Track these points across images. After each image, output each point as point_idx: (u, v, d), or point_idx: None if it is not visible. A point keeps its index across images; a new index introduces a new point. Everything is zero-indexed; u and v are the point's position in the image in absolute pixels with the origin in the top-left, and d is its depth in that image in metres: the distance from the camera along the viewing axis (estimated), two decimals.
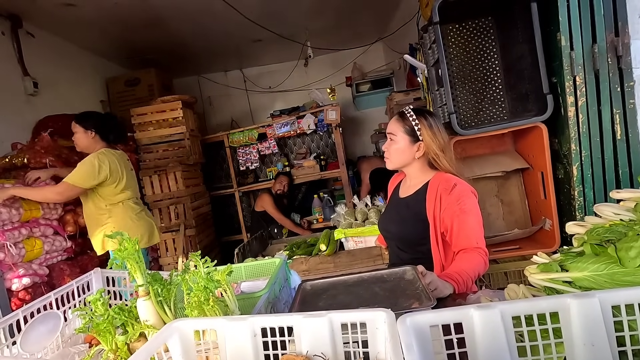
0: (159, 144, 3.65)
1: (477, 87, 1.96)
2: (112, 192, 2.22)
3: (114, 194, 2.23)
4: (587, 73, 1.55)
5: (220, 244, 4.28)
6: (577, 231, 0.87)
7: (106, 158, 2.17)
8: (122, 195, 2.26)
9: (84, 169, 2.10)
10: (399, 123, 1.38)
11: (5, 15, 2.81)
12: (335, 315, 0.65)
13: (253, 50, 4.63)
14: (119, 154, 2.31)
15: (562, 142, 1.68)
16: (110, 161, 2.18)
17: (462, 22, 1.95)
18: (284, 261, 1.21)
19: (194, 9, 3.29)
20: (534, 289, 0.83)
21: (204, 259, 0.84)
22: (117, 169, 2.22)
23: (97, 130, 2.22)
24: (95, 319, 0.79)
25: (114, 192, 2.23)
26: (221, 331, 0.66)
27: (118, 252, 0.78)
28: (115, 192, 2.23)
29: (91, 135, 2.21)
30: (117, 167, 2.22)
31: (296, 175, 4.18)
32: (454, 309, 0.61)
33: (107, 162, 2.15)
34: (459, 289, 1.12)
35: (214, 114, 5.38)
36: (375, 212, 2.42)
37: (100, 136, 2.24)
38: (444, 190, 1.30)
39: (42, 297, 1.10)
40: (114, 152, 2.26)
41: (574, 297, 0.59)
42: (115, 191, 2.23)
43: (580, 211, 1.63)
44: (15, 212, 2.07)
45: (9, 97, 2.76)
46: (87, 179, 2.10)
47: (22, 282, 2.06)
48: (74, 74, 3.58)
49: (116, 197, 2.24)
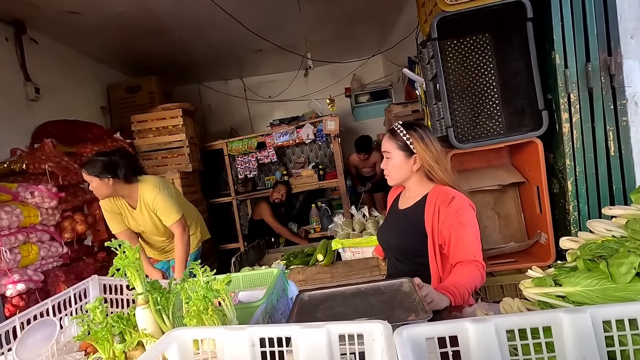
0: (158, 151, 3.66)
1: (474, 101, 2.00)
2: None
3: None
4: (581, 90, 1.59)
5: (217, 252, 4.27)
6: (571, 246, 0.89)
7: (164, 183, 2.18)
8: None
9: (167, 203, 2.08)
10: (391, 140, 1.40)
11: (9, 22, 2.84)
12: (333, 327, 0.65)
13: (254, 60, 4.69)
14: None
15: (557, 157, 1.71)
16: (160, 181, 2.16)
17: (460, 38, 1.99)
18: (282, 271, 1.22)
19: (196, 19, 3.34)
20: (529, 303, 0.84)
21: (203, 268, 0.85)
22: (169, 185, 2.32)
23: (112, 175, 1.97)
24: (94, 327, 0.79)
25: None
26: (220, 341, 0.66)
27: (119, 260, 0.79)
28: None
29: (110, 182, 1.98)
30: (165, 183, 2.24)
31: (294, 185, 4.19)
32: (449, 322, 0.62)
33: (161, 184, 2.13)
34: (455, 301, 1.13)
35: (214, 122, 5.41)
36: (373, 222, 2.44)
37: (118, 178, 1.99)
38: (442, 203, 1.31)
39: (39, 304, 1.10)
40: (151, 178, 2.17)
41: (566, 312, 0.60)
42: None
43: (575, 225, 1.65)
44: (15, 218, 2.07)
45: (11, 102, 2.78)
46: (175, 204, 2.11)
47: (17, 287, 2.04)
48: (76, 80, 3.61)
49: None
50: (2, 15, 2.76)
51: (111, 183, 1.98)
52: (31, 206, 2.22)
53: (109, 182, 1.97)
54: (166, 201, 2.08)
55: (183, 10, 3.14)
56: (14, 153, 2.54)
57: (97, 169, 1.95)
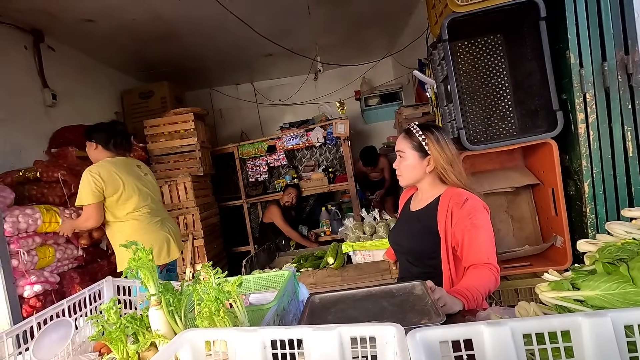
0: (170, 155, 3.72)
1: (486, 102, 1.98)
2: (115, 203, 2.11)
3: (117, 205, 2.12)
4: (597, 90, 1.56)
5: (228, 254, 4.30)
6: (589, 249, 0.87)
7: (97, 168, 2.09)
8: (129, 205, 2.14)
9: (82, 185, 2.06)
10: (407, 140, 1.39)
11: (28, 30, 2.93)
12: (345, 329, 0.65)
13: (264, 64, 4.73)
14: (121, 161, 2.21)
15: (573, 159, 1.67)
16: (103, 170, 2.08)
17: (471, 39, 1.97)
18: (293, 274, 1.22)
19: (207, 25, 3.39)
20: (545, 307, 0.82)
21: (215, 270, 0.85)
22: (113, 178, 2.09)
23: (97, 140, 2.17)
24: (108, 327, 0.80)
25: (118, 204, 2.11)
26: (232, 342, 0.66)
27: (132, 261, 0.80)
28: (119, 203, 2.11)
29: (93, 147, 2.18)
30: (112, 176, 2.09)
31: (304, 188, 4.20)
32: (464, 325, 0.61)
33: (99, 172, 2.06)
34: (468, 305, 1.11)
35: (225, 126, 5.47)
36: (384, 226, 2.42)
37: (103, 146, 2.18)
38: (455, 205, 1.30)
39: (55, 305, 1.12)
40: (113, 161, 2.16)
41: (585, 316, 0.58)
42: (118, 202, 2.11)
43: (592, 228, 1.61)
44: (32, 222, 2.12)
45: (29, 108, 2.86)
46: (88, 194, 2.03)
47: (34, 289, 2.09)
48: (91, 86, 3.69)
49: (122, 208, 2.13)
50: (22, 25, 2.85)
51: (94, 147, 2.19)
52: (55, 211, 2.26)
53: (93, 147, 2.20)
54: (81, 183, 2.06)
55: (194, 17, 3.19)
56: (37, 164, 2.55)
57: (90, 134, 2.21)
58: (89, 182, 2.04)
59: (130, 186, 2.15)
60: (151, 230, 2.20)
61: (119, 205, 2.13)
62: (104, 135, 2.19)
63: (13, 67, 2.78)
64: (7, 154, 2.57)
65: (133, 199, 2.16)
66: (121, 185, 2.12)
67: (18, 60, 2.84)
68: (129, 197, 2.14)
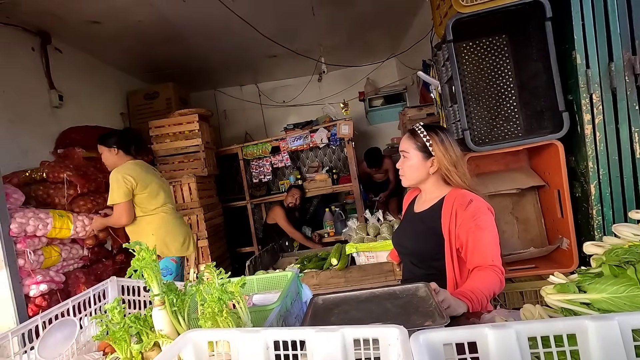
0: (175, 156, 3.73)
1: (491, 103, 1.96)
2: (145, 199, 2.29)
3: (148, 201, 2.30)
4: (604, 91, 1.54)
5: (232, 255, 4.31)
6: (595, 251, 0.86)
7: (124, 169, 2.26)
8: (159, 200, 2.34)
9: (114, 187, 2.22)
10: (411, 140, 1.39)
11: (36, 32, 2.96)
12: (348, 331, 0.65)
13: (268, 65, 4.74)
14: (141, 163, 2.40)
15: (579, 160, 1.66)
16: (131, 170, 2.26)
17: (476, 39, 1.97)
18: (296, 275, 1.22)
19: (213, 26, 3.41)
20: (551, 310, 0.81)
21: (218, 270, 0.85)
22: (142, 177, 2.29)
23: (118, 146, 2.34)
24: (112, 327, 0.81)
25: (148, 200, 2.30)
26: (234, 343, 0.66)
27: (136, 261, 0.80)
28: (149, 199, 2.30)
29: (115, 152, 2.34)
30: (140, 174, 2.29)
31: (308, 189, 4.20)
32: (468, 328, 0.60)
33: (127, 172, 2.24)
34: (473, 307, 1.10)
35: (229, 127, 5.49)
36: (388, 227, 2.41)
37: (124, 151, 2.35)
38: (459, 206, 1.29)
39: (60, 304, 1.13)
40: (136, 162, 2.36)
41: (592, 319, 0.57)
42: (149, 198, 2.30)
43: (599, 230, 1.59)
44: (42, 227, 2.13)
45: (36, 109, 2.88)
46: (120, 193, 2.20)
47: (40, 288, 2.10)
48: (97, 87, 3.72)
49: (152, 202, 2.31)
50: (29, 27, 2.88)
51: (116, 153, 2.32)
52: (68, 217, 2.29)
53: (114, 152, 2.32)
54: (111, 183, 2.22)
55: (199, 18, 3.21)
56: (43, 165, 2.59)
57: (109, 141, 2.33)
58: (120, 182, 2.21)
59: (155, 184, 2.35)
60: (178, 224, 2.43)
61: (149, 200, 2.31)
62: (123, 140, 2.37)
63: (21, 69, 2.80)
64: (14, 154, 2.59)
65: (160, 195, 2.37)
66: (149, 183, 2.32)
67: (26, 62, 2.87)
68: (157, 194, 2.35)
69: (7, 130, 2.57)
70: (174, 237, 2.36)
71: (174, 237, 2.36)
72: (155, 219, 2.33)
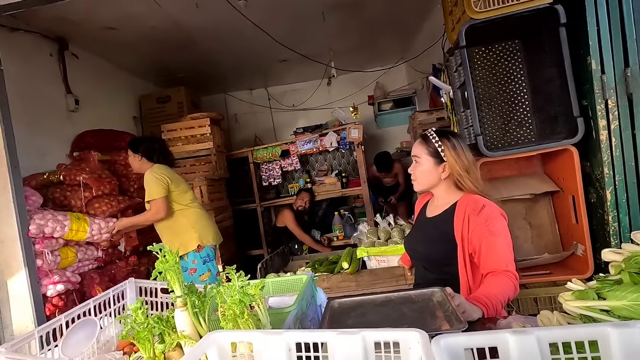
0: (186, 159, 3.78)
1: (504, 108, 1.96)
2: (179, 196, 2.48)
3: (181, 196, 2.49)
4: (620, 97, 1.53)
5: (242, 257, 4.33)
6: (614, 258, 0.86)
7: (157, 169, 2.46)
8: (189, 196, 2.55)
9: (151, 184, 2.38)
10: (423, 145, 1.40)
11: (54, 38, 3.04)
12: (369, 333, 0.66)
13: (278, 69, 4.79)
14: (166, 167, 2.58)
15: (594, 166, 1.64)
16: (162, 169, 2.46)
17: (489, 45, 1.97)
18: (311, 278, 1.23)
19: (224, 32, 3.46)
20: (569, 317, 0.81)
21: (238, 273, 0.87)
22: (173, 176, 2.50)
23: (142, 154, 2.51)
24: (136, 327, 0.83)
25: (181, 195, 2.49)
26: (257, 344, 0.68)
27: (160, 263, 0.82)
28: (182, 195, 2.49)
29: (138, 159, 2.51)
30: (171, 174, 2.50)
31: (317, 192, 4.22)
32: (489, 333, 0.61)
33: (160, 171, 2.43)
34: (487, 313, 1.10)
35: (239, 131, 5.54)
36: (399, 231, 2.41)
37: (147, 158, 2.52)
38: (472, 211, 1.29)
39: (82, 304, 1.16)
40: (162, 165, 2.53)
41: (613, 326, 0.58)
42: (181, 194, 2.49)
43: (615, 237, 1.57)
44: (60, 229, 2.18)
45: (53, 113, 2.96)
46: (158, 189, 2.36)
47: (57, 288, 2.15)
48: (111, 91, 3.80)
49: (184, 198, 2.50)
50: (48, 33, 2.96)
51: (139, 159, 2.50)
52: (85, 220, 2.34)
53: (138, 158, 2.50)
54: (148, 182, 2.39)
55: (211, 24, 3.26)
56: (59, 168, 2.67)
57: (135, 147, 2.52)
58: (156, 179, 2.38)
59: (183, 183, 2.57)
60: (208, 216, 2.66)
61: (183, 195, 2.51)
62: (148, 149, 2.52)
63: (39, 74, 2.88)
64: (33, 157, 2.66)
65: (189, 193, 2.58)
66: (179, 181, 2.53)
67: (44, 68, 2.95)
68: (187, 191, 2.56)
69: (26, 133, 2.64)
70: (210, 228, 2.58)
71: (210, 228, 2.58)
72: (191, 213, 2.51)
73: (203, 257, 2.50)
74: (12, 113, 2.11)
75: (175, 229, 2.49)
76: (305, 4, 3.14)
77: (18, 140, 2.12)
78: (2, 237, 2.02)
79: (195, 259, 2.48)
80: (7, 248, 2.02)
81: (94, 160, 2.74)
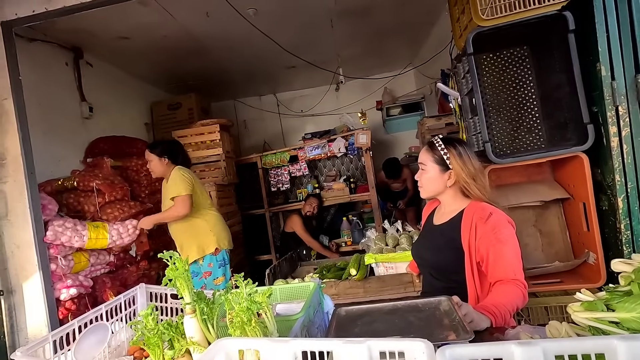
0: (196, 165, 3.83)
1: (513, 115, 1.95)
2: (200, 198, 2.55)
3: (202, 200, 2.56)
4: (631, 103, 1.52)
5: (250, 262, 4.36)
6: (624, 269, 0.85)
7: (183, 169, 2.53)
8: (208, 200, 2.63)
9: (178, 181, 2.44)
10: (429, 153, 1.40)
11: (70, 48, 3.13)
12: (374, 343, 0.66)
13: (286, 76, 4.83)
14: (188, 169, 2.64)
15: (606, 173, 1.62)
16: (187, 171, 2.54)
17: (497, 51, 1.96)
18: (318, 286, 1.24)
19: (234, 40, 3.52)
20: (578, 328, 0.81)
21: (246, 281, 0.88)
22: (195, 179, 2.57)
23: (168, 156, 2.56)
24: (147, 333, 0.85)
25: (202, 198, 2.56)
26: (264, 352, 0.69)
27: (170, 271, 0.84)
28: (202, 198, 2.56)
29: (165, 162, 2.56)
30: (194, 176, 2.57)
31: (326, 198, 4.23)
32: (494, 344, 0.61)
33: (186, 171, 2.52)
34: (496, 322, 1.09)
35: (248, 136, 5.60)
36: (407, 238, 2.40)
37: (172, 161, 2.57)
38: (479, 219, 1.29)
39: (94, 309, 1.19)
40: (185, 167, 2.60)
41: (621, 339, 0.57)
42: (202, 197, 2.56)
43: (628, 245, 1.55)
44: (78, 239, 2.23)
45: (68, 120, 3.04)
46: (186, 186, 2.43)
47: (70, 292, 2.19)
48: (124, 99, 3.88)
49: (204, 201, 2.58)
50: (64, 43, 3.06)
51: (165, 162, 2.55)
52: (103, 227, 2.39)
53: (165, 161, 2.55)
54: (175, 180, 2.44)
55: (221, 32, 3.32)
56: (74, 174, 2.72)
57: (160, 150, 2.56)
58: (183, 177, 2.45)
59: (202, 187, 2.65)
60: (224, 222, 2.71)
61: (203, 198, 2.59)
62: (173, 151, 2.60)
63: (55, 83, 2.97)
64: (48, 163, 2.73)
65: (208, 197, 2.67)
66: (200, 185, 2.61)
67: (60, 76, 3.04)
68: (206, 194, 2.65)
69: (42, 140, 2.71)
70: (226, 232, 2.64)
71: (226, 232, 2.64)
72: (210, 216, 2.58)
73: (219, 261, 2.55)
74: (29, 120, 2.18)
75: (194, 231, 2.53)
76: (314, 12, 3.18)
77: (34, 147, 2.18)
78: (18, 242, 2.08)
79: (212, 262, 2.53)
80: (22, 252, 2.08)
81: (106, 167, 2.80)
